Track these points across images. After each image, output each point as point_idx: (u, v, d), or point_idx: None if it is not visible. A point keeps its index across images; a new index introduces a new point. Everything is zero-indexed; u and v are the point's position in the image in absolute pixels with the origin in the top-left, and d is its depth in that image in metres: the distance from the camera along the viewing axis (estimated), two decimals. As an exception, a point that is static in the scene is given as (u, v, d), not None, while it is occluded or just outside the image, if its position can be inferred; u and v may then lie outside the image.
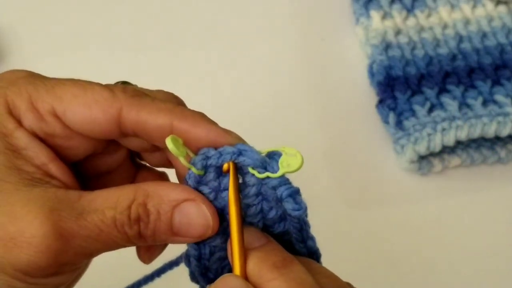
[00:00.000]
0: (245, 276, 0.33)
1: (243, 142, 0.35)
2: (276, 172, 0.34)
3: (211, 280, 0.38)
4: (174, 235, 0.35)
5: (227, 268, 0.38)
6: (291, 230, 0.36)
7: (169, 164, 0.39)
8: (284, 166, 0.33)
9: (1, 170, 0.33)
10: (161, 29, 0.71)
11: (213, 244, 0.36)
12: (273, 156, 0.35)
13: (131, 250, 0.39)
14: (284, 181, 0.34)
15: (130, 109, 0.35)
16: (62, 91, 0.35)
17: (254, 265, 0.33)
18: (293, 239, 0.36)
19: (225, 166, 0.34)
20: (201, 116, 0.35)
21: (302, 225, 0.36)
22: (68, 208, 0.32)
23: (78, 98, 0.35)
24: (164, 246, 0.40)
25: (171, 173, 0.40)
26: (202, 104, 0.38)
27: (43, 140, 0.35)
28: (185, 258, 0.38)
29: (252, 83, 0.67)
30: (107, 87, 0.35)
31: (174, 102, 0.37)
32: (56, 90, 0.35)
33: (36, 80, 0.35)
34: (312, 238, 0.37)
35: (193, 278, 0.38)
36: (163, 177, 0.41)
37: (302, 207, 0.34)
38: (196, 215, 0.34)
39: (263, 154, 0.35)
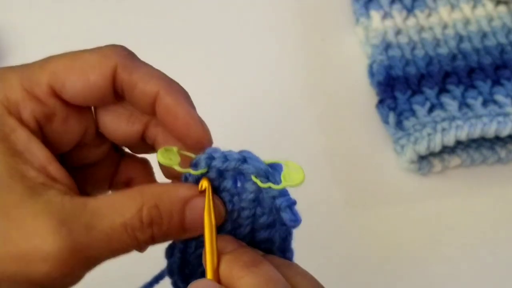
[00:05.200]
0: (218, 279, 0.34)
1: (210, 141, 0.36)
2: (278, 184, 0.35)
3: (186, 276, 0.39)
4: (185, 232, 0.35)
5: (203, 267, 0.39)
6: (275, 239, 0.37)
7: (151, 150, 0.39)
8: (287, 179, 0.35)
9: (4, 181, 0.32)
10: (161, 29, 0.71)
11: (202, 238, 0.37)
12: (276, 167, 0.36)
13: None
14: (284, 192, 0.35)
15: (123, 68, 0.35)
16: (53, 67, 0.35)
17: (225, 266, 0.34)
18: (274, 247, 0.37)
19: (202, 185, 0.35)
20: (186, 96, 0.36)
21: (287, 236, 0.37)
22: (76, 218, 0.32)
23: (72, 69, 0.35)
24: None
25: (152, 159, 0.40)
26: (202, 104, 0.38)
27: (42, 127, 0.35)
28: (168, 249, 0.39)
29: (251, 83, 0.67)
30: (95, 51, 0.36)
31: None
32: (46, 68, 0.35)
33: (20, 68, 0.35)
34: (291, 251, 0.38)
35: (170, 271, 0.39)
36: (146, 164, 0.42)
37: (298, 219, 0.35)
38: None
39: (266, 164, 0.36)
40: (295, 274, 0.34)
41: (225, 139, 0.38)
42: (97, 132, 0.38)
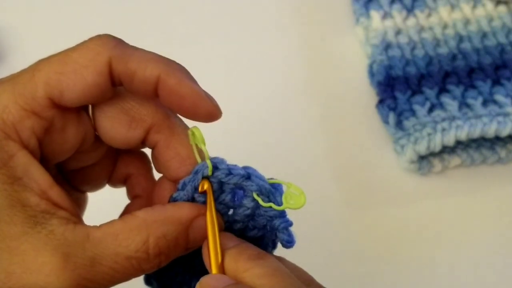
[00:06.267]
0: (222, 273, 0.34)
1: (219, 112, 0.36)
2: (279, 205, 0.35)
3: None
4: (187, 250, 0.35)
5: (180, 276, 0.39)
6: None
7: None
8: (288, 201, 0.35)
9: (5, 211, 0.31)
10: (161, 29, 0.71)
11: None
12: (277, 187, 0.36)
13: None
14: (283, 213, 0.36)
15: (118, 61, 0.34)
16: (45, 76, 0.33)
17: (230, 260, 0.34)
18: None
19: (203, 186, 0.35)
20: (187, 73, 0.35)
21: (272, 250, 0.38)
22: (79, 251, 0.32)
23: (66, 74, 0.33)
24: None
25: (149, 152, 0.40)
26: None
27: (41, 142, 0.34)
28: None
29: (251, 83, 0.67)
30: (83, 48, 0.34)
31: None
32: (38, 78, 0.33)
33: (9, 83, 0.33)
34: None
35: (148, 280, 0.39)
36: (144, 159, 0.41)
37: (294, 240, 0.36)
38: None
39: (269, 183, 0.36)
40: (289, 267, 0.35)
41: (225, 139, 0.38)
42: (95, 136, 0.37)
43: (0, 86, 0.33)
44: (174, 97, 0.35)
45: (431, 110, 0.61)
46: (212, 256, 0.34)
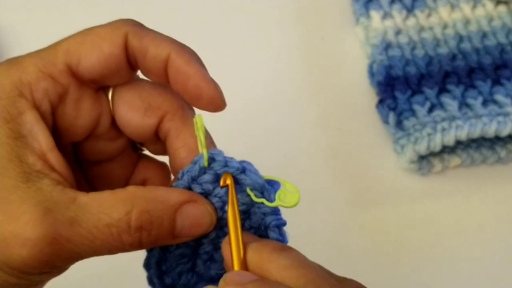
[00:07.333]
0: (245, 269, 0.33)
1: (223, 101, 0.36)
2: (272, 201, 0.35)
3: (162, 272, 0.38)
4: (174, 238, 0.35)
5: (180, 266, 0.38)
6: None
7: (162, 149, 0.39)
8: (281, 199, 0.35)
9: (2, 163, 0.32)
10: (161, 29, 0.71)
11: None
12: (272, 184, 0.36)
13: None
14: (275, 211, 0.35)
15: (134, 35, 0.36)
16: (66, 45, 0.35)
17: (254, 253, 0.33)
18: None
19: (225, 180, 0.35)
20: (197, 57, 0.37)
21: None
22: (62, 209, 0.32)
23: (85, 43, 0.35)
24: None
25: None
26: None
27: (54, 108, 0.35)
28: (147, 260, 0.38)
29: (251, 82, 0.67)
30: (105, 24, 0.36)
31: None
32: (59, 47, 0.35)
33: (35, 52, 0.36)
34: None
35: (147, 265, 0.38)
36: (164, 167, 0.41)
37: (285, 240, 0.35)
38: (201, 216, 0.35)
39: (264, 179, 0.36)
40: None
41: (225, 138, 0.38)
42: (113, 125, 0.38)
43: (27, 54, 0.36)
44: (180, 76, 0.36)
45: (431, 110, 0.61)
46: (234, 251, 0.34)
